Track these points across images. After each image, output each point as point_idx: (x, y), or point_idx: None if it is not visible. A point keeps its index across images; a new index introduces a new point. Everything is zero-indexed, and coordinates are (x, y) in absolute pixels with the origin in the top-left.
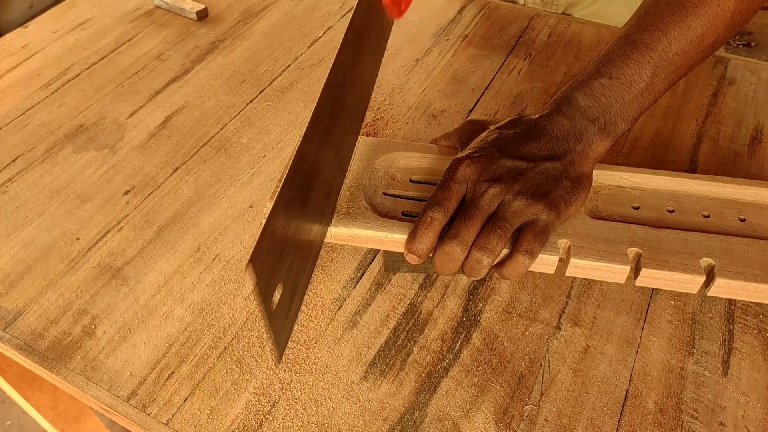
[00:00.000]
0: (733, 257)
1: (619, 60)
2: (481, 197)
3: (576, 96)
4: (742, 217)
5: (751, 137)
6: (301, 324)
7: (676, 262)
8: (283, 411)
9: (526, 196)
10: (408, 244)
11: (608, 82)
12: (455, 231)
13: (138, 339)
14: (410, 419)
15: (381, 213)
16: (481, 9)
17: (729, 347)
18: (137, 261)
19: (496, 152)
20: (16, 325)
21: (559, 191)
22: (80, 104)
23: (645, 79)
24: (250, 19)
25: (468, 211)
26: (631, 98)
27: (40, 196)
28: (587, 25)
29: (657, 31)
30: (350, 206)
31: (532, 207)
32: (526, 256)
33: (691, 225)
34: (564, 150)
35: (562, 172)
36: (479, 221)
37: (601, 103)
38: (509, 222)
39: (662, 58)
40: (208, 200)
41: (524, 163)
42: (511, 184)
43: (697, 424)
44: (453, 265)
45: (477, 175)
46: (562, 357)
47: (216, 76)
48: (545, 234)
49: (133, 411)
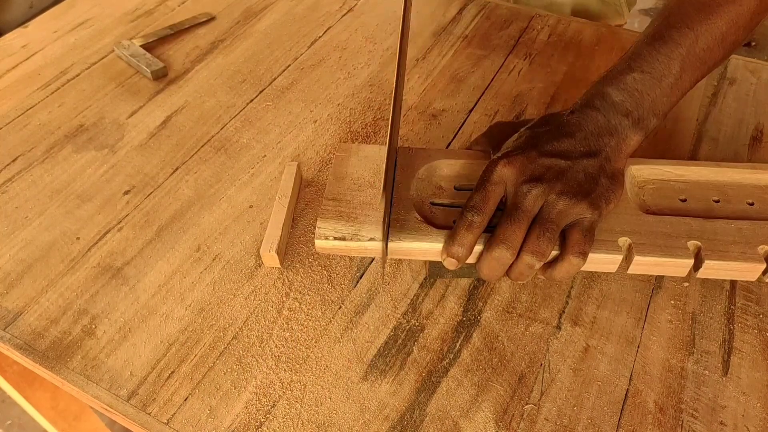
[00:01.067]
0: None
1: (649, 55)
2: (524, 199)
3: (609, 91)
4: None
5: (751, 137)
6: (301, 324)
7: (735, 252)
8: (283, 411)
9: (569, 195)
10: (447, 248)
11: (640, 77)
12: (503, 236)
13: (138, 339)
14: (410, 419)
15: (434, 224)
16: (481, 9)
17: (729, 347)
18: (137, 261)
19: (532, 151)
20: (16, 325)
21: (600, 189)
22: (80, 104)
23: (674, 73)
24: (250, 19)
25: (513, 214)
26: (662, 92)
27: (40, 196)
28: (587, 25)
29: (684, 27)
30: (404, 219)
31: (577, 206)
32: (580, 257)
33: (738, 213)
34: (599, 146)
35: (600, 169)
36: (525, 224)
37: (634, 97)
38: (556, 223)
39: (689, 53)
40: (208, 200)
41: (563, 161)
42: (552, 184)
43: (697, 424)
44: (501, 270)
45: (516, 176)
46: (562, 357)
47: (216, 76)
48: (592, 233)
49: (133, 410)
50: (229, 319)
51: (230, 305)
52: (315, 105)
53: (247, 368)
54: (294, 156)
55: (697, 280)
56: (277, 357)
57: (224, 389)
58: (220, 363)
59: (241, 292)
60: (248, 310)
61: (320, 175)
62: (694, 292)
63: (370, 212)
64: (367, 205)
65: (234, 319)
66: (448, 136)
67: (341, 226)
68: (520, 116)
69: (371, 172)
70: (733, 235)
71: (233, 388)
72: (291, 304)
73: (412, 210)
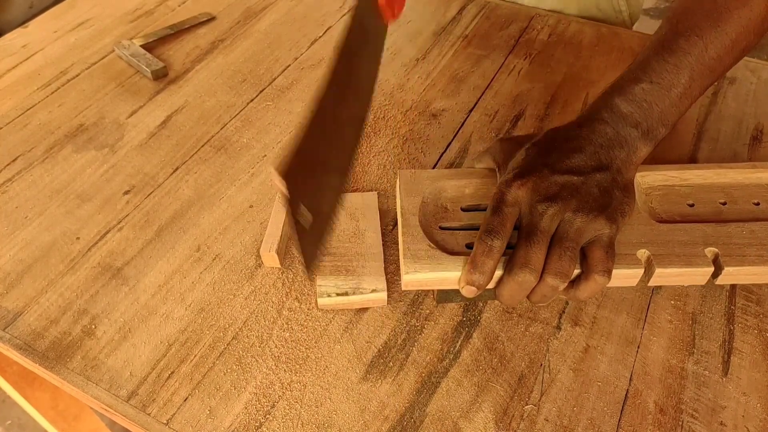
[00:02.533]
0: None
1: (658, 65)
2: (541, 219)
3: (617, 102)
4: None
5: (752, 137)
6: (301, 324)
7: (753, 256)
8: (283, 411)
9: (585, 212)
10: (467, 276)
11: (649, 87)
12: (524, 259)
13: (138, 339)
14: (410, 419)
15: (445, 250)
16: (482, 9)
17: (729, 347)
18: (137, 261)
19: (544, 169)
20: (16, 325)
21: (615, 203)
22: (80, 104)
23: (683, 83)
24: (250, 18)
25: (531, 236)
26: (671, 102)
27: (40, 196)
28: (587, 25)
29: (693, 36)
30: (416, 249)
31: (594, 222)
32: (604, 275)
33: (745, 214)
34: (609, 159)
35: (612, 182)
36: (545, 245)
37: (642, 108)
38: (575, 241)
39: (699, 62)
40: (208, 200)
41: (575, 178)
42: (567, 202)
43: (698, 424)
44: (523, 294)
45: (530, 196)
46: (562, 357)
47: (216, 75)
48: (613, 249)
49: (133, 411)
50: (229, 320)
51: (230, 305)
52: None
53: (247, 368)
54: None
55: None
56: (277, 357)
57: (224, 389)
58: (220, 363)
59: (241, 293)
60: (248, 310)
61: None
62: (694, 292)
63: (366, 263)
64: (361, 255)
65: (234, 319)
66: (448, 136)
67: (341, 281)
68: (521, 116)
69: (356, 221)
70: (747, 238)
71: (233, 389)
72: (291, 305)
73: (423, 238)
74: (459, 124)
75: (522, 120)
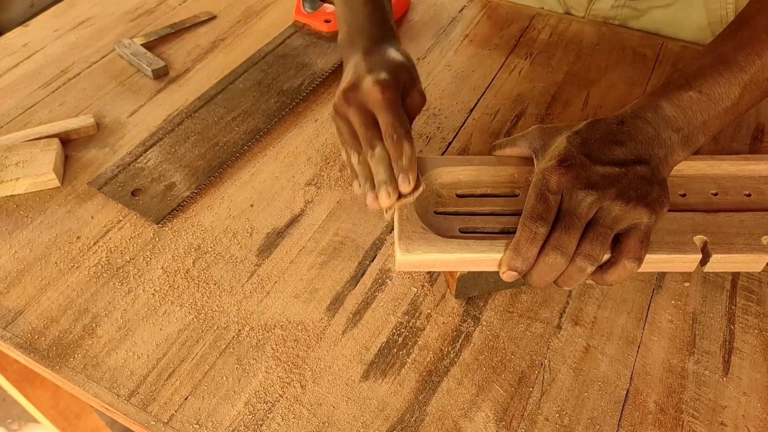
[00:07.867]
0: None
1: (711, 77)
2: (579, 206)
3: (662, 104)
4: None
5: (752, 136)
6: (301, 324)
7: (740, 244)
8: (283, 411)
9: (625, 200)
10: (510, 262)
11: (697, 96)
12: (557, 242)
13: (138, 338)
14: (411, 418)
15: (439, 234)
16: (482, 8)
17: (730, 347)
18: (138, 260)
19: (585, 159)
20: (16, 324)
21: (654, 194)
22: (81, 103)
23: (732, 98)
24: (250, 17)
25: (567, 221)
26: (716, 114)
27: (40, 195)
28: (588, 25)
29: (753, 54)
30: (410, 231)
31: (633, 211)
32: (635, 262)
33: (737, 205)
34: (649, 155)
35: (652, 176)
36: (579, 230)
37: (686, 115)
38: (610, 228)
39: (752, 81)
40: (208, 199)
41: (616, 169)
42: (607, 191)
43: (698, 424)
44: (553, 276)
45: (572, 183)
46: (562, 356)
47: (217, 74)
48: (648, 238)
49: (133, 409)
50: (229, 319)
51: (230, 304)
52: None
53: (248, 368)
54: (295, 154)
55: (697, 280)
56: (277, 357)
57: (224, 389)
58: (220, 362)
59: (241, 292)
60: (248, 310)
61: (321, 173)
62: (694, 292)
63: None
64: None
65: (234, 318)
66: (448, 136)
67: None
68: (521, 116)
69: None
70: (736, 227)
71: (233, 388)
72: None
73: (417, 221)
74: (460, 124)
75: (523, 119)
